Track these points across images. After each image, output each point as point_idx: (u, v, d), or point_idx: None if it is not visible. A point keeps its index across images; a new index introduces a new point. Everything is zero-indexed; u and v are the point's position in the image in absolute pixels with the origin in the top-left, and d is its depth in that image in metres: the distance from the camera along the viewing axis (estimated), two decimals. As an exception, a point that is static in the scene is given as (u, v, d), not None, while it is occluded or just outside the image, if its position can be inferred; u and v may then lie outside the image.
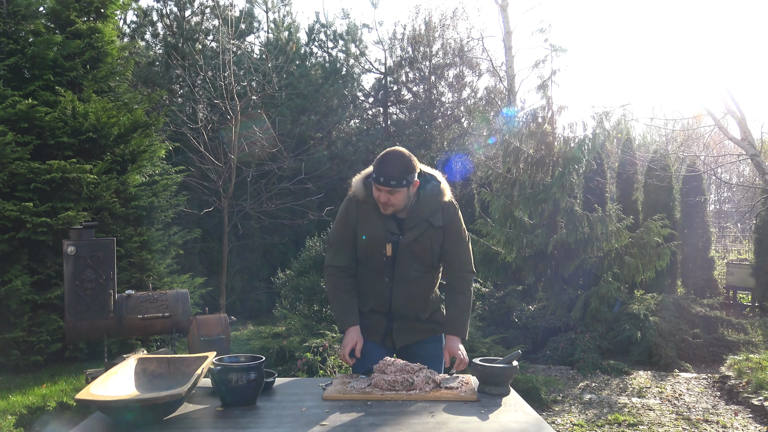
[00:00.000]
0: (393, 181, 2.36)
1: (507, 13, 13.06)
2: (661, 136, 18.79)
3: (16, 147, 6.35)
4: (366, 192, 2.50)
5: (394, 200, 2.41)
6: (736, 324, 7.28)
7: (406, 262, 2.49)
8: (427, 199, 2.49)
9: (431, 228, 2.48)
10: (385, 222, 2.48)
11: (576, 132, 7.70)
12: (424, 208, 2.48)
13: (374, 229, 2.48)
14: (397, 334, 2.57)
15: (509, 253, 7.55)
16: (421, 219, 2.47)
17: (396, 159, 2.41)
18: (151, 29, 11.53)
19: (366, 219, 2.50)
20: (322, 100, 12.05)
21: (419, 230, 2.47)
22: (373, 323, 2.58)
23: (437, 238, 2.50)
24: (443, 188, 2.53)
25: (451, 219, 2.53)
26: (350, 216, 2.53)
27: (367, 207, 2.50)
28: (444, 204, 2.52)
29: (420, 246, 2.48)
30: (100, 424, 1.88)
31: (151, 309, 4.42)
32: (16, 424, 4.25)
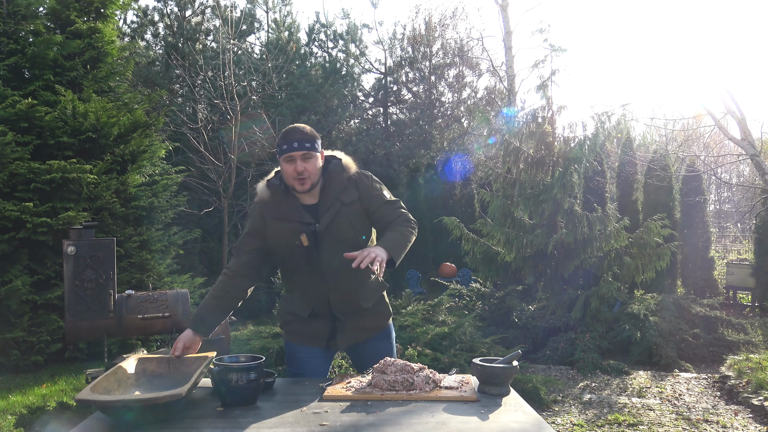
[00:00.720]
0: (307, 143, 2.29)
1: (507, 13, 13.06)
2: (661, 136, 18.80)
3: (16, 147, 6.36)
4: (270, 191, 2.41)
5: (309, 167, 2.29)
6: (736, 324, 7.28)
7: (330, 249, 2.35)
8: (333, 177, 2.40)
9: (344, 206, 2.37)
10: (297, 213, 2.36)
11: (576, 132, 7.70)
12: (333, 188, 2.39)
13: (286, 224, 2.36)
14: (341, 335, 2.46)
15: (509, 253, 7.55)
16: (333, 199, 2.37)
17: (301, 126, 2.37)
18: (151, 29, 11.54)
19: (276, 218, 2.38)
20: (322, 100, 12.05)
21: (334, 211, 2.36)
22: (314, 328, 2.47)
23: (356, 215, 2.38)
24: (346, 163, 2.43)
25: (366, 187, 2.41)
26: (255, 220, 2.41)
27: (274, 205, 2.39)
28: (352, 178, 2.42)
29: (339, 227, 2.35)
30: (100, 424, 1.88)
31: (151, 309, 4.43)
32: (16, 424, 4.25)
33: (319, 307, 2.44)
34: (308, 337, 2.49)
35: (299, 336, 2.52)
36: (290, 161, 2.30)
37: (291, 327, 2.55)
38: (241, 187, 9.73)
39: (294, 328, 2.53)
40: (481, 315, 7.33)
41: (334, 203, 2.37)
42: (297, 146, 2.28)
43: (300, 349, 2.52)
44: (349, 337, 2.48)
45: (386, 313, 2.57)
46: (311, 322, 2.47)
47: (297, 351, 2.53)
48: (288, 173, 2.32)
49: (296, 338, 2.53)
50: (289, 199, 2.39)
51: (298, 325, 2.51)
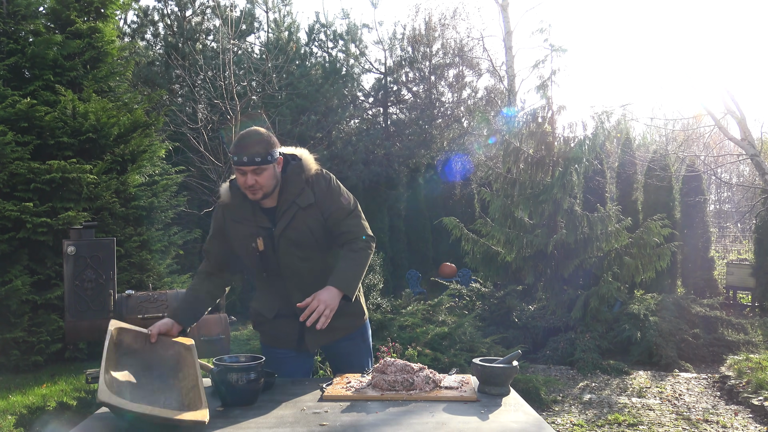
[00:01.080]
0: (258, 158, 2.19)
1: (507, 13, 13.07)
2: (661, 136, 18.80)
3: (16, 147, 6.36)
4: (231, 193, 2.36)
5: (261, 180, 2.22)
6: (736, 324, 7.28)
7: (287, 253, 2.31)
8: (291, 179, 2.32)
9: (301, 210, 2.30)
10: (255, 217, 2.32)
11: (576, 132, 7.70)
12: (290, 190, 2.32)
13: (244, 227, 2.33)
14: (309, 336, 2.38)
15: (509, 253, 7.55)
16: (290, 203, 2.31)
17: (255, 135, 2.25)
18: (151, 29, 11.53)
19: (235, 220, 2.35)
20: (322, 100, 12.05)
21: (290, 215, 2.30)
22: (282, 330, 2.42)
23: (313, 218, 2.31)
24: (305, 163, 2.36)
25: (323, 191, 2.34)
26: (217, 221, 2.40)
27: (234, 208, 2.35)
28: (310, 179, 2.34)
29: (296, 231, 2.30)
30: (100, 424, 1.88)
31: (151, 309, 4.43)
32: (16, 424, 4.25)
33: (284, 309, 2.41)
34: (278, 339, 2.46)
35: (270, 337, 2.50)
36: (242, 173, 2.23)
37: (261, 328, 2.53)
38: (241, 187, 9.72)
39: (264, 329, 2.51)
40: (481, 315, 7.33)
41: (290, 207, 2.31)
42: (247, 161, 2.19)
43: (273, 351, 2.48)
44: (319, 339, 2.41)
45: (358, 312, 2.49)
46: (279, 323, 2.43)
47: (271, 352, 2.48)
48: (240, 183, 2.26)
49: (268, 339, 2.51)
50: (248, 202, 2.32)
51: (267, 326, 2.48)
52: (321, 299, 2.19)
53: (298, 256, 2.32)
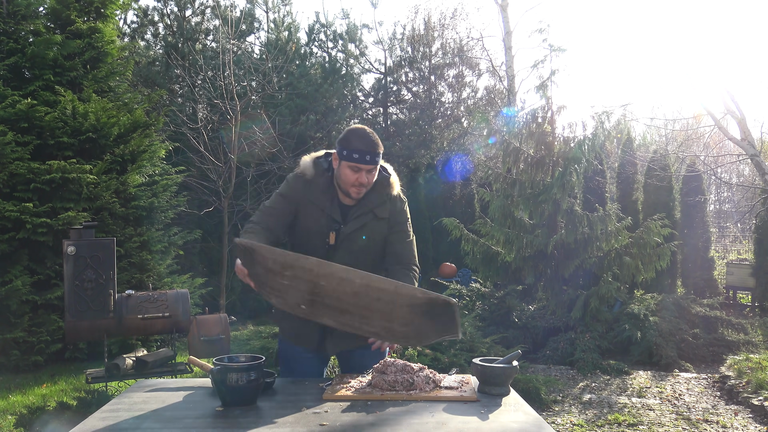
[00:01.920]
0: (378, 158, 2.24)
1: (507, 13, 13.06)
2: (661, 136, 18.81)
3: (16, 147, 6.36)
4: (315, 172, 2.35)
5: (372, 180, 2.27)
6: (736, 324, 7.28)
7: (345, 255, 2.32)
8: (377, 189, 2.36)
9: (375, 219, 2.35)
10: (331, 207, 2.32)
11: (576, 132, 7.70)
12: (372, 199, 2.35)
13: (317, 212, 2.32)
14: (331, 340, 2.40)
15: (509, 253, 7.55)
16: (367, 209, 2.34)
17: (372, 133, 2.26)
18: (151, 29, 11.54)
19: (311, 201, 2.33)
20: (321, 100, 12.05)
21: (363, 221, 2.34)
22: (306, 328, 2.40)
23: (380, 231, 2.37)
24: (392, 181, 2.41)
25: (397, 212, 2.40)
26: (294, 189, 2.35)
27: (316, 188, 2.34)
28: (391, 196, 2.40)
29: (360, 236, 2.34)
30: (100, 424, 1.88)
31: (151, 309, 4.43)
32: (16, 424, 4.25)
33: None
34: (299, 337, 2.46)
35: (291, 334, 2.50)
36: (356, 171, 2.24)
37: (284, 324, 2.53)
38: (241, 187, 9.73)
39: (286, 325, 2.51)
40: (481, 315, 7.33)
41: (367, 213, 2.35)
42: (369, 159, 2.22)
43: (293, 349, 2.50)
44: (340, 343, 2.43)
45: None
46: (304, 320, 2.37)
47: (290, 350, 2.51)
48: (348, 179, 2.26)
49: (288, 335, 2.52)
50: (330, 190, 2.34)
51: (291, 322, 2.46)
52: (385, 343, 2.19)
53: (352, 259, 2.30)
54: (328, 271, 1.79)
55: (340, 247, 2.34)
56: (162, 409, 2.02)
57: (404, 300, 1.80)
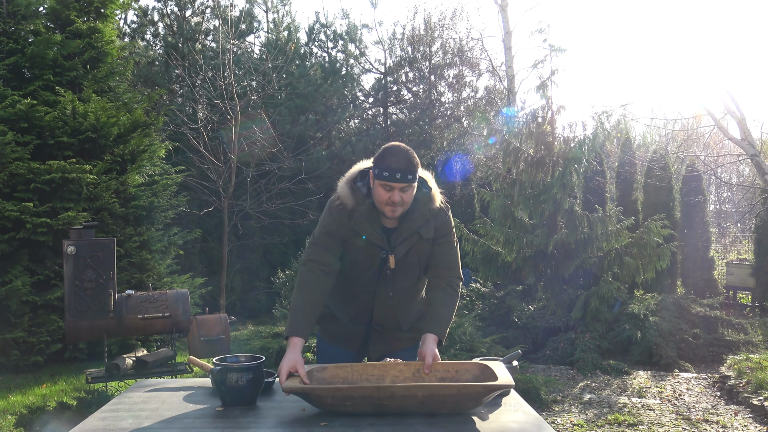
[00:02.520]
0: (410, 175, 2.14)
1: (507, 13, 13.06)
2: (661, 136, 18.80)
3: (16, 147, 6.36)
4: (355, 200, 2.26)
5: (407, 198, 2.17)
6: (736, 324, 7.28)
7: (392, 278, 2.30)
8: (418, 207, 2.27)
9: (421, 240, 2.28)
10: (376, 234, 2.26)
11: (576, 132, 7.70)
12: (415, 218, 2.27)
13: (363, 242, 2.27)
14: (374, 344, 2.44)
15: (509, 253, 7.55)
16: (412, 231, 2.27)
17: (405, 151, 2.17)
18: (151, 29, 11.53)
19: (354, 229, 2.26)
20: (321, 100, 12.05)
21: (409, 244, 2.27)
22: (350, 333, 2.45)
23: (426, 251, 2.32)
24: (434, 195, 2.31)
25: (441, 224, 2.33)
26: (339, 222, 2.27)
27: (359, 216, 2.26)
28: (434, 211, 2.31)
29: (409, 260, 2.30)
30: (100, 424, 1.88)
31: (151, 309, 4.43)
32: (16, 424, 4.25)
33: (361, 317, 2.42)
34: (342, 340, 2.49)
35: (334, 337, 2.51)
36: (388, 189, 2.15)
37: (328, 326, 2.52)
38: (241, 187, 9.73)
39: (330, 327, 2.51)
40: (481, 315, 7.33)
41: (412, 235, 2.27)
42: (400, 177, 2.12)
43: (331, 347, 2.52)
44: (382, 348, 2.45)
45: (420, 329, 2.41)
46: (349, 326, 2.45)
47: (328, 348, 2.53)
48: (381, 198, 2.17)
49: (330, 338, 2.53)
50: (372, 216, 2.26)
51: (335, 325, 2.48)
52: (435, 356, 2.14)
53: (402, 283, 2.31)
54: (388, 393, 1.86)
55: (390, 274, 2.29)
56: (162, 409, 2.02)
57: (468, 397, 1.89)
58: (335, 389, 1.87)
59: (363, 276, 2.33)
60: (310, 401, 1.92)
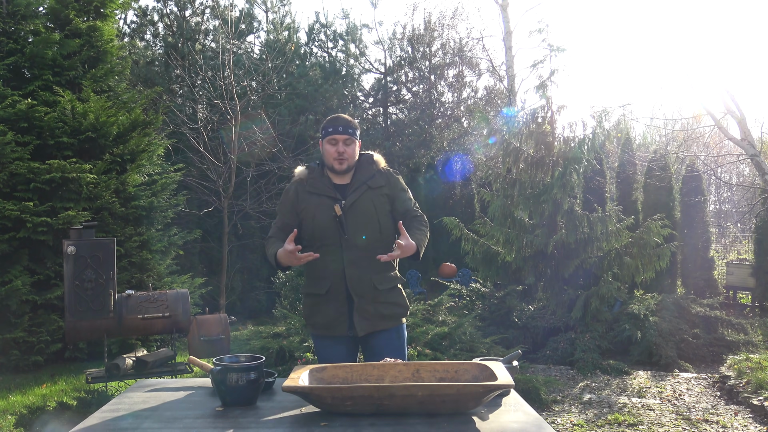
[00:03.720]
0: (350, 129, 2.62)
1: (507, 13, 13.07)
2: (661, 136, 18.79)
3: (15, 147, 6.36)
4: (307, 171, 2.71)
5: (349, 151, 2.62)
6: (736, 324, 7.27)
7: (354, 224, 2.58)
8: (364, 165, 2.71)
9: (370, 189, 2.65)
10: (329, 189, 2.64)
11: (576, 132, 7.69)
12: (363, 174, 2.69)
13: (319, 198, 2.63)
14: (359, 321, 2.59)
15: (509, 253, 7.54)
16: (361, 183, 2.66)
17: (345, 115, 2.69)
18: (151, 29, 11.53)
19: (310, 192, 2.66)
20: (321, 100, 12.05)
21: (360, 192, 2.63)
22: (334, 312, 2.62)
23: (379, 199, 2.65)
24: (376, 159, 2.75)
25: (394, 181, 2.72)
26: (288, 198, 2.69)
27: (311, 181, 2.67)
28: (380, 170, 2.72)
29: (362, 206, 2.62)
30: (100, 424, 1.88)
31: (151, 309, 4.44)
32: (16, 424, 4.25)
33: (336, 284, 2.60)
34: (330, 326, 2.64)
35: (321, 326, 2.67)
36: (333, 143, 2.61)
37: (313, 316, 2.69)
38: (241, 187, 9.73)
39: (317, 319, 2.68)
40: (481, 315, 7.33)
41: (361, 186, 2.65)
42: (341, 130, 2.61)
43: (324, 342, 2.70)
44: (367, 323, 2.60)
45: (403, 305, 2.73)
46: (330, 305, 2.61)
47: (322, 344, 2.71)
48: (329, 153, 2.62)
49: (319, 329, 2.69)
50: (323, 178, 2.68)
51: (318, 309, 2.66)
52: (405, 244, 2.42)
53: (363, 228, 2.60)
54: (387, 393, 1.87)
55: (347, 217, 2.58)
56: (162, 409, 2.02)
57: (468, 397, 1.90)
58: (335, 389, 1.87)
59: (324, 233, 2.59)
60: (310, 401, 1.92)
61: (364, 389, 1.89)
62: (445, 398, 1.87)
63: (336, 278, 2.59)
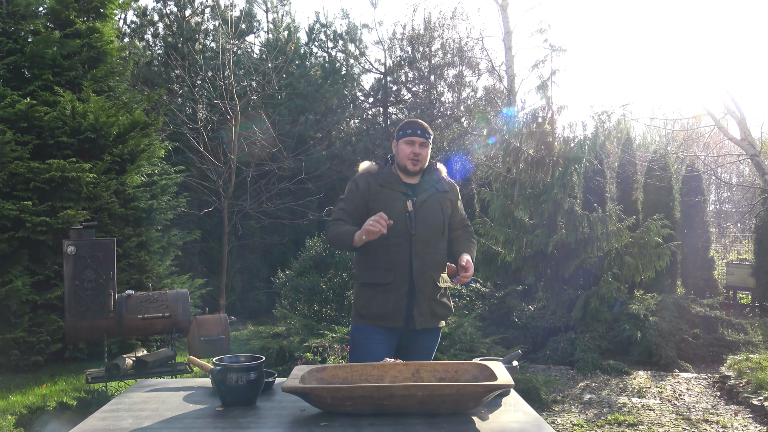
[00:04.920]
0: (427, 134, 2.80)
1: (507, 13, 13.06)
2: (661, 136, 18.79)
3: (15, 146, 6.36)
4: (377, 166, 2.85)
5: (424, 153, 2.79)
6: (736, 324, 7.27)
7: (423, 221, 2.74)
8: (431, 170, 2.89)
9: (438, 192, 2.83)
10: (400, 185, 2.79)
11: (576, 132, 7.70)
12: (431, 178, 2.87)
13: (391, 192, 2.76)
14: (418, 315, 2.71)
15: (509, 253, 7.55)
16: (430, 185, 2.84)
17: (422, 121, 2.87)
18: (151, 29, 11.53)
19: (382, 185, 2.78)
20: (321, 100, 12.05)
21: (429, 193, 2.81)
22: (394, 304, 2.69)
23: (445, 203, 2.84)
24: (440, 167, 2.94)
25: (455, 191, 2.93)
26: (360, 188, 2.79)
27: (382, 175, 2.80)
28: (444, 178, 2.91)
29: (431, 206, 2.78)
30: (100, 424, 1.88)
31: (151, 309, 4.43)
32: (16, 424, 4.25)
33: (401, 273, 2.70)
34: (386, 316, 2.70)
35: (377, 316, 2.72)
36: (410, 144, 2.78)
37: (371, 309, 2.75)
38: (241, 187, 9.73)
39: (374, 309, 2.73)
40: (481, 315, 7.33)
41: (429, 188, 2.84)
42: (420, 133, 2.78)
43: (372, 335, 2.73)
44: (424, 319, 2.73)
45: (450, 308, 2.89)
46: (390, 295, 2.69)
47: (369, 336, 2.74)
48: (405, 153, 2.79)
49: (374, 319, 2.74)
50: (393, 175, 2.83)
51: (378, 303, 2.71)
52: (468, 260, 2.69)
53: (430, 226, 2.77)
54: (387, 393, 1.87)
55: (417, 214, 2.74)
56: (162, 409, 2.02)
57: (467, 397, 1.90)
58: (335, 389, 1.87)
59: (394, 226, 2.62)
60: (310, 401, 1.92)
61: (364, 389, 1.88)
62: (445, 398, 1.87)
63: (401, 270, 2.70)
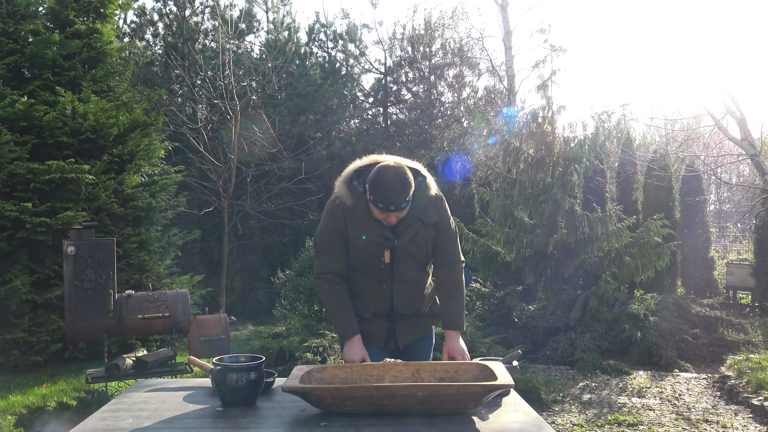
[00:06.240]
0: (404, 204, 2.27)
1: (507, 12, 13.06)
2: (661, 136, 18.79)
3: (14, 147, 6.35)
4: (353, 198, 2.37)
5: (402, 215, 2.34)
6: (736, 324, 7.27)
7: (404, 264, 2.43)
8: (416, 195, 2.36)
9: (423, 226, 2.41)
10: (379, 228, 2.37)
11: (576, 132, 7.69)
12: (415, 206, 2.38)
13: (366, 235, 2.38)
14: (400, 335, 2.53)
15: (509, 253, 7.54)
16: (414, 218, 2.39)
17: (399, 180, 2.25)
18: (151, 29, 11.53)
19: (358, 225, 2.38)
20: (321, 100, 12.05)
21: (413, 230, 2.40)
22: (374, 328, 2.52)
23: (430, 236, 2.45)
24: (429, 183, 2.44)
25: (441, 214, 2.46)
26: (337, 223, 2.40)
27: (357, 213, 2.37)
28: (431, 198, 2.43)
29: (415, 246, 2.43)
30: (100, 424, 1.88)
31: (151, 309, 4.43)
32: (16, 424, 4.25)
33: (380, 310, 2.51)
34: (367, 337, 2.51)
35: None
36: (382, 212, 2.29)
37: None
38: (241, 187, 9.73)
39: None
40: (481, 315, 7.33)
41: (414, 222, 2.40)
42: (394, 209, 2.27)
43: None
44: (407, 337, 2.56)
45: (436, 314, 2.63)
46: (372, 322, 2.51)
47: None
48: (378, 217, 2.33)
49: None
50: (369, 215, 2.37)
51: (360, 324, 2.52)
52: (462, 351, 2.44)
53: (411, 266, 2.45)
54: (387, 393, 1.87)
55: (396, 261, 2.42)
56: (162, 409, 2.02)
57: (467, 397, 1.90)
58: (335, 389, 1.87)
59: (374, 268, 2.42)
60: (310, 401, 1.92)
61: (364, 389, 1.88)
62: (445, 398, 1.87)
63: (382, 305, 2.49)
